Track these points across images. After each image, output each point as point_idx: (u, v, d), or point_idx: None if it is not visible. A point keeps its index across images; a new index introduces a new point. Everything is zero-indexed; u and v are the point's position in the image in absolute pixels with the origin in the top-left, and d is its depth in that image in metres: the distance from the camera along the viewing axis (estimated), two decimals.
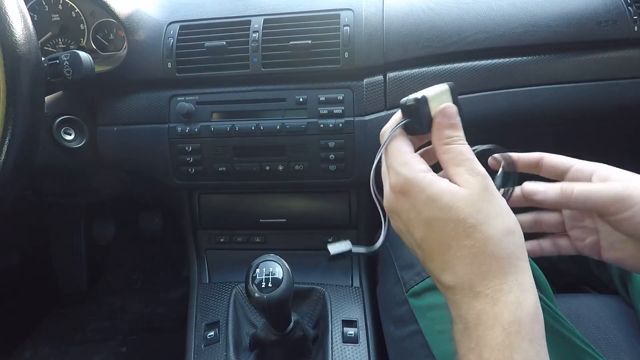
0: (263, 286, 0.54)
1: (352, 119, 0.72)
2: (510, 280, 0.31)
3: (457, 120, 0.35)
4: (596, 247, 0.40)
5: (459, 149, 0.34)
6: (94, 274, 1.30)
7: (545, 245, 0.42)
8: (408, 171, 0.34)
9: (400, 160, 0.34)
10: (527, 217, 0.42)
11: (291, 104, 0.73)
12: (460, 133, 0.34)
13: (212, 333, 0.70)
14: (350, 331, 0.68)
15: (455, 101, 0.35)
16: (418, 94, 0.35)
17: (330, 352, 0.65)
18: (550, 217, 0.42)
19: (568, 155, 0.40)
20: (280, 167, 0.74)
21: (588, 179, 0.38)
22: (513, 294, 0.30)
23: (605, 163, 0.39)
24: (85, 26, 0.79)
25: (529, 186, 0.37)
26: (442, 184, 0.33)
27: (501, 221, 0.32)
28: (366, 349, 0.66)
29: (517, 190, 0.39)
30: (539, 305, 0.31)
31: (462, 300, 0.32)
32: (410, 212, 0.34)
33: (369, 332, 0.69)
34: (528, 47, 0.71)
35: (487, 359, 0.29)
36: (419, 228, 0.34)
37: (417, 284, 0.55)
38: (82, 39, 0.80)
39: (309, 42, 0.71)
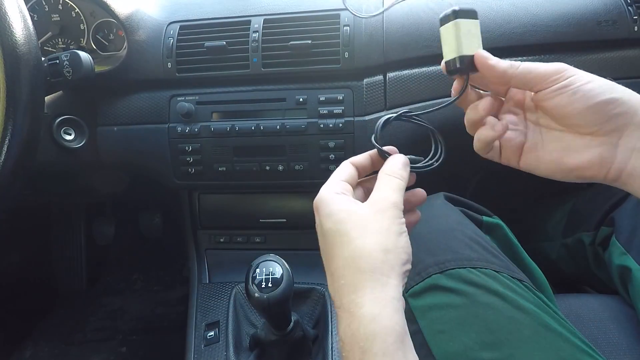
0: (263, 286, 0.54)
1: (352, 119, 0.72)
2: (367, 294, 0.31)
3: (405, 168, 0.39)
4: (517, 151, 0.41)
5: (389, 179, 0.37)
6: (94, 274, 1.30)
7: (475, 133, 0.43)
8: (322, 190, 0.37)
9: (325, 185, 0.38)
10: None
11: (291, 104, 0.73)
12: (404, 173, 0.38)
13: (212, 333, 0.70)
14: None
15: None
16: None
17: (330, 352, 0.65)
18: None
19: None
20: (280, 167, 0.74)
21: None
22: (367, 307, 0.31)
23: None
24: (85, 26, 0.79)
25: (483, 52, 0.38)
26: (343, 203, 0.36)
27: (378, 239, 0.33)
28: None
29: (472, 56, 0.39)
30: (398, 319, 0.31)
31: (338, 315, 0.34)
32: (318, 226, 0.37)
33: None
34: (528, 47, 0.71)
35: None
36: (320, 239, 0.37)
37: (417, 284, 0.55)
38: (82, 39, 0.80)
39: (309, 42, 0.71)
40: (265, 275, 0.55)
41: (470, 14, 0.38)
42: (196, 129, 0.74)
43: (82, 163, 0.79)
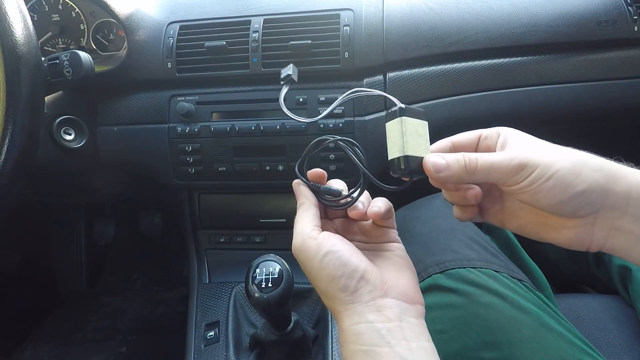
0: (263, 286, 0.54)
1: (352, 119, 0.72)
2: (338, 327, 0.36)
3: (297, 189, 0.47)
4: (499, 215, 0.41)
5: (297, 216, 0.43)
6: (94, 274, 1.30)
7: (457, 214, 0.43)
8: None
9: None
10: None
11: (291, 104, 0.73)
12: (299, 200, 0.46)
13: (212, 333, 0.70)
14: None
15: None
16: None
17: (330, 352, 0.65)
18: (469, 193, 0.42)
19: None
20: (280, 167, 0.74)
21: (495, 144, 0.38)
22: (340, 336, 0.36)
23: None
24: (85, 26, 0.79)
25: (432, 161, 0.36)
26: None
27: (316, 286, 0.38)
28: None
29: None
30: (361, 339, 0.34)
31: None
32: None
33: None
34: (528, 47, 0.71)
35: None
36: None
37: None
38: (82, 39, 0.80)
39: (309, 42, 0.71)
40: (265, 275, 0.55)
41: (418, 114, 0.38)
42: (196, 129, 0.74)
43: (82, 163, 0.79)
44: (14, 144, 0.51)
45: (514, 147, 0.36)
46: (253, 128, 0.73)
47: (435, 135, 0.43)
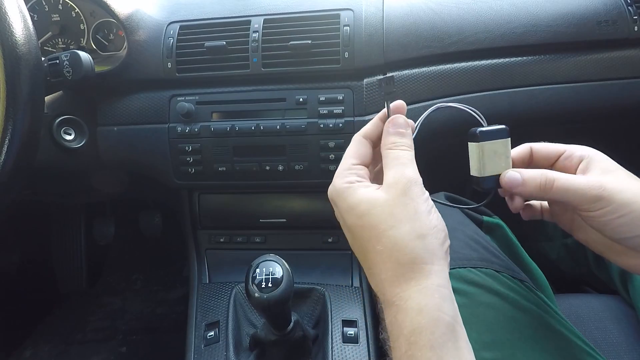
0: (263, 286, 0.54)
1: (352, 119, 0.72)
2: (411, 287, 0.31)
3: (405, 129, 0.37)
4: (569, 224, 0.41)
5: (395, 154, 0.36)
6: (94, 274, 1.30)
7: (528, 210, 0.44)
8: (337, 182, 0.36)
9: (338, 169, 0.37)
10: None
11: (291, 104, 0.73)
12: (404, 140, 0.36)
13: (212, 333, 0.70)
14: (350, 331, 0.68)
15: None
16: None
17: (330, 352, 0.65)
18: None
19: None
20: (280, 167, 0.74)
21: (577, 165, 0.38)
22: (413, 300, 0.30)
23: None
24: (85, 26, 0.79)
25: (508, 177, 0.38)
26: (361, 193, 0.34)
27: (411, 226, 0.32)
28: (366, 349, 0.66)
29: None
30: (446, 308, 0.30)
31: (384, 309, 0.33)
32: (339, 219, 0.37)
33: (369, 332, 0.69)
34: (528, 47, 0.71)
35: None
36: (347, 234, 0.36)
37: None
38: (82, 39, 0.80)
39: (309, 42, 0.71)
40: (265, 275, 0.55)
41: (498, 133, 0.38)
42: (196, 129, 0.74)
43: (82, 163, 0.79)
44: (14, 144, 0.51)
45: (595, 174, 0.37)
46: (253, 128, 0.73)
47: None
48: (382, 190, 0.34)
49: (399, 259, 0.31)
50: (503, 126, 0.38)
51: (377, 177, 0.39)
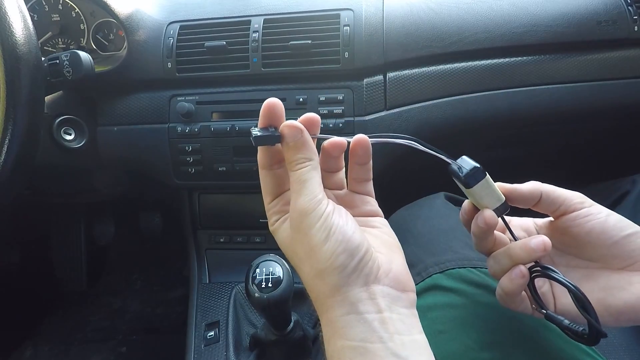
0: (263, 286, 0.54)
1: (352, 119, 0.72)
2: (323, 320, 0.32)
3: (300, 139, 0.34)
4: (549, 296, 0.39)
5: (293, 176, 0.33)
6: (94, 274, 1.30)
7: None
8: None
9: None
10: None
11: (291, 104, 0.73)
12: (301, 155, 0.33)
13: (212, 333, 0.70)
14: None
15: None
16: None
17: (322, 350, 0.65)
18: None
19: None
20: None
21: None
22: (323, 330, 0.32)
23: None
24: (85, 26, 0.79)
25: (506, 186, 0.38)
26: (279, 235, 0.35)
27: (310, 264, 0.32)
28: None
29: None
30: (351, 333, 0.30)
31: None
32: None
33: None
34: (528, 47, 0.71)
35: None
36: None
37: (417, 284, 0.55)
38: (82, 39, 0.80)
39: (309, 42, 0.71)
40: (265, 275, 0.55)
41: (475, 177, 0.36)
42: (196, 129, 0.74)
43: (82, 163, 0.79)
44: (14, 144, 0.51)
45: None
46: None
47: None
48: (284, 225, 0.35)
49: (310, 294, 0.33)
50: (477, 165, 0.36)
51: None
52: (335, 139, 0.37)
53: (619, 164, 0.81)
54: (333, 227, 0.31)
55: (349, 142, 0.37)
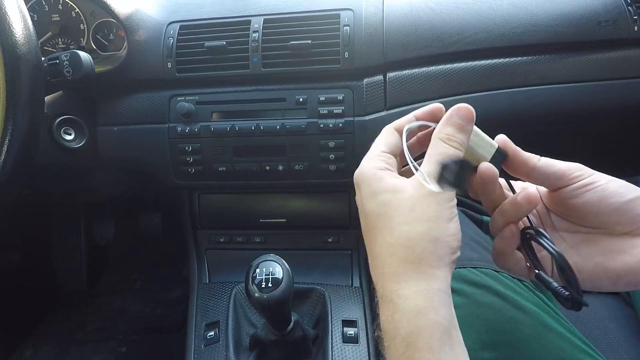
0: (263, 286, 0.54)
1: (352, 119, 0.72)
2: (411, 286, 0.30)
3: (467, 125, 0.34)
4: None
5: (444, 149, 0.33)
6: (94, 274, 1.30)
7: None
8: (364, 165, 0.35)
9: (367, 154, 0.36)
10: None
11: (291, 104, 0.73)
12: (461, 136, 0.34)
13: (212, 333, 0.70)
14: (350, 331, 0.68)
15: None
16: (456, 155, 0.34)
17: (330, 352, 0.65)
18: None
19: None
20: (280, 167, 0.74)
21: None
22: (412, 300, 0.29)
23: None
24: (85, 26, 0.79)
25: (505, 140, 0.36)
26: (387, 181, 0.33)
27: (428, 227, 0.31)
28: (366, 349, 0.66)
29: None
30: (444, 312, 0.30)
31: (380, 305, 0.32)
32: (359, 203, 0.35)
33: (368, 332, 0.69)
34: (528, 47, 0.71)
35: None
36: (362, 220, 0.35)
37: None
38: (82, 39, 0.80)
39: (309, 42, 0.71)
40: (265, 275, 0.55)
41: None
42: (196, 129, 0.74)
43: (82, 163, 0.79)
44: (14, 144, 0.51)
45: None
46: (253, 128, 0.73)
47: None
48: (409, 184, 0.32)
49: (405, 256, 0.30)
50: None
51: (403, 174, 0.36)
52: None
53: (620, 164, 0.81)
54: (456, 216, 0.32)
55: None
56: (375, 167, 0.34)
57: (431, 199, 0.31)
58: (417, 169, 0.33)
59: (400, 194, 0.32)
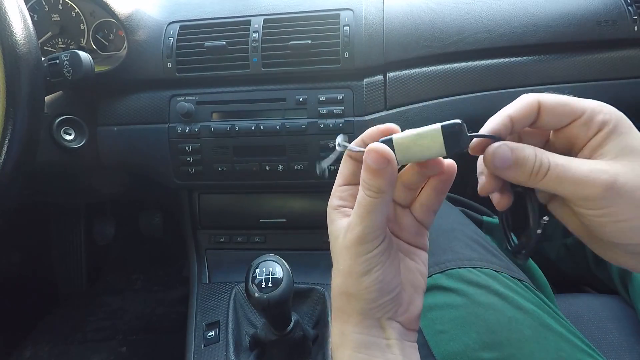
0: (263, 286, 0.54)
1: (352, 119, 0.72)
2: (336, 325, 0.34)
3: (385, 169, 0.28)
4: (559, 210, 0.33)
5: (362, 199, 0.30)
6: (94, 274, 1.30)
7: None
8: (329, 202, 0.34)
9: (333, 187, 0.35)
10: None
11: (291, 104, 0.73)
12: (376, 182, 0.29)
13: (212, 333, 0.70)
14: None
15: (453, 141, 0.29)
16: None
17: (330, 352, 0.65)
18: None
19: None
20: (280, 167, 0.74)
21: (593, 136, 0.29)
22: (336, 337, 0.34)
23: None
24: (85, 26, 0.79)
25: (501, 153, 0.30)
26: (334, 226, 0.33)
27: (342, 281, 0.32)
28: None
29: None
30: (348, 354, 0.32)
31: None
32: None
33: None
34: (528, 47, 0.71)
35: None
36: None
37: None
38: (82, 39, 0.80)
39: (309, 42, 0.71)
40: (265, 275, 0.55)
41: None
42: (196, 129, 0.74)
43: (82, 163, 0.79)
44: (14, 144, 0.51)
45: (609, 154, 0.28)
46: (253, 128, 0.73)
47: None
48: (341, 231, 0.32)
49: (333, 301, 0.34)
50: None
51: None
52: (448, 164, 0.32)
53: None
54: (378, 266, 0.31)
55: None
56: (330, 206, 0.34)
57: (347, 252, 0.31)
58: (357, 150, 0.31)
59: (336, 241, 0.32)
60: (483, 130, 0.32)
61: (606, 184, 0.26)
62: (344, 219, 0.32)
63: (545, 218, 0.31)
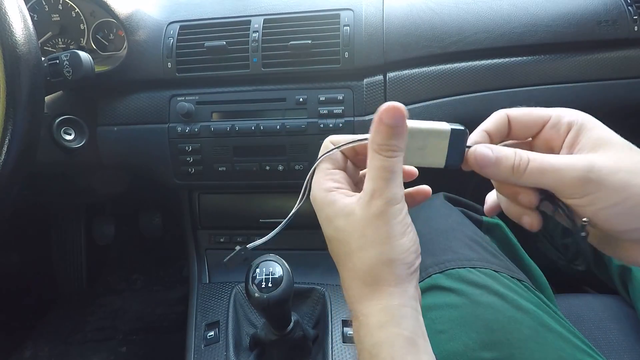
0: (263, 286, 0.54)
1: (352, 119, 0.72)
2: (373, 305, 0.31)
3: (402, 126, 0.31)
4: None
5: (380, 161, 0.30)
6: (94, 274, 1.30)
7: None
8: (314, 189, 0.34)
9: (316, 176, 0.35)
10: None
11: (291, 104, 0.73)
12: (393, 142, 0.31)
13: (212, 333, 0.70)
14: (351, 331, 0.68)
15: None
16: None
17: (330, 352, 0.65)
18: None
19: None
20: (280, 167, 0.74)
21: (565, 136, 0.33)
22: (374, 316, 0.31)
23: None
24: (85, 26, 0.79)
25: (478, 153, 0.32)
26: (338, 205, 0.32)
27: (380, 250, 0.30)
28: None
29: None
30: (406, 324, 0.30)
31: (352, 321, 0.33)
32: (321, 226, 0.35)
33: None
34: (528, 47, 0.71)
35: None
36: (327, 243, 0.35)
37: None
38: (82, 39, 0.80)
39: (309, 42, 0.71)
40: (265, 275, 0.55)
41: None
42: (196, 129, 0.74)
43: (82, 163, 0.79)
44: (14, 144, 0.51)
45: (584, 148, 0.30)
46: (253, 128, 0.73)
47: None
48: (358, 205, 0.31)
49: (364, 280, 0.31)
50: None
51: (361, 182, 0.35)
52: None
53: None
54: (410, 227, 0.31)
55: None
56: (324, 189, 0.34)
57: (379, 221, 0.30)
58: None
59: (351, 217, 0.32)
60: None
61: (584, 168, 0.29)
62: (350, 197, 0.32)
63: (585, 219, 0.30)
